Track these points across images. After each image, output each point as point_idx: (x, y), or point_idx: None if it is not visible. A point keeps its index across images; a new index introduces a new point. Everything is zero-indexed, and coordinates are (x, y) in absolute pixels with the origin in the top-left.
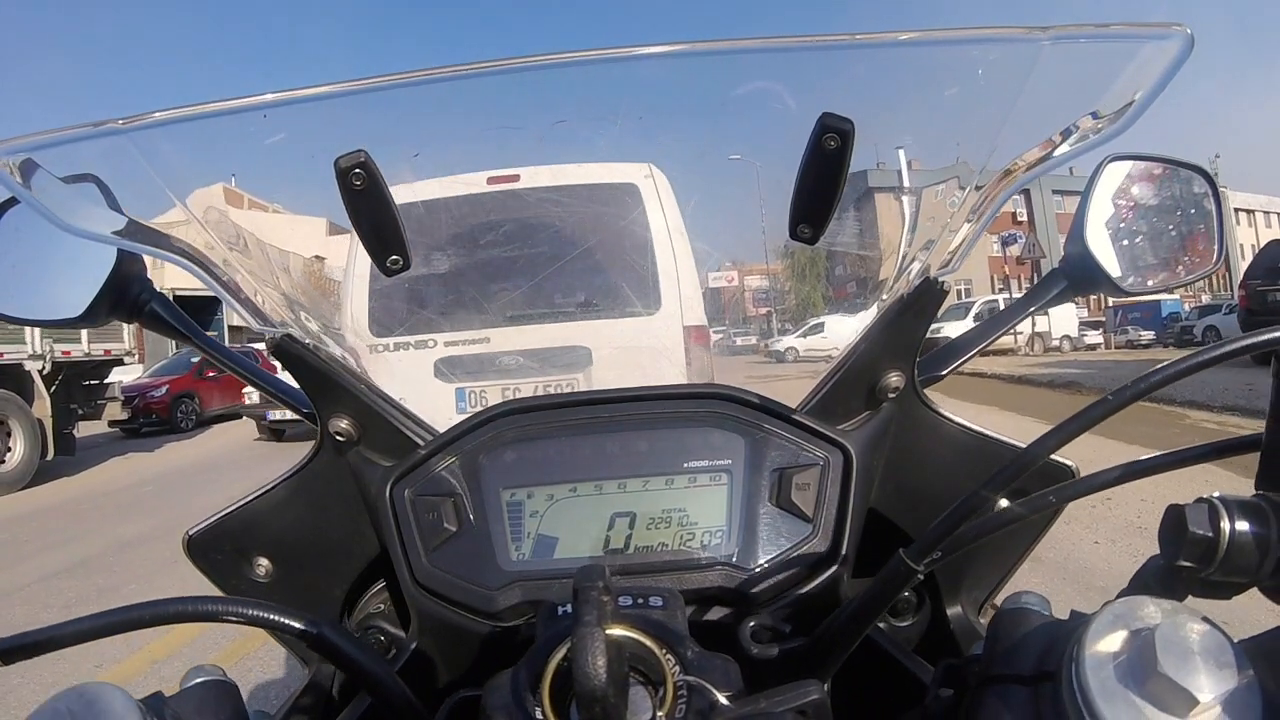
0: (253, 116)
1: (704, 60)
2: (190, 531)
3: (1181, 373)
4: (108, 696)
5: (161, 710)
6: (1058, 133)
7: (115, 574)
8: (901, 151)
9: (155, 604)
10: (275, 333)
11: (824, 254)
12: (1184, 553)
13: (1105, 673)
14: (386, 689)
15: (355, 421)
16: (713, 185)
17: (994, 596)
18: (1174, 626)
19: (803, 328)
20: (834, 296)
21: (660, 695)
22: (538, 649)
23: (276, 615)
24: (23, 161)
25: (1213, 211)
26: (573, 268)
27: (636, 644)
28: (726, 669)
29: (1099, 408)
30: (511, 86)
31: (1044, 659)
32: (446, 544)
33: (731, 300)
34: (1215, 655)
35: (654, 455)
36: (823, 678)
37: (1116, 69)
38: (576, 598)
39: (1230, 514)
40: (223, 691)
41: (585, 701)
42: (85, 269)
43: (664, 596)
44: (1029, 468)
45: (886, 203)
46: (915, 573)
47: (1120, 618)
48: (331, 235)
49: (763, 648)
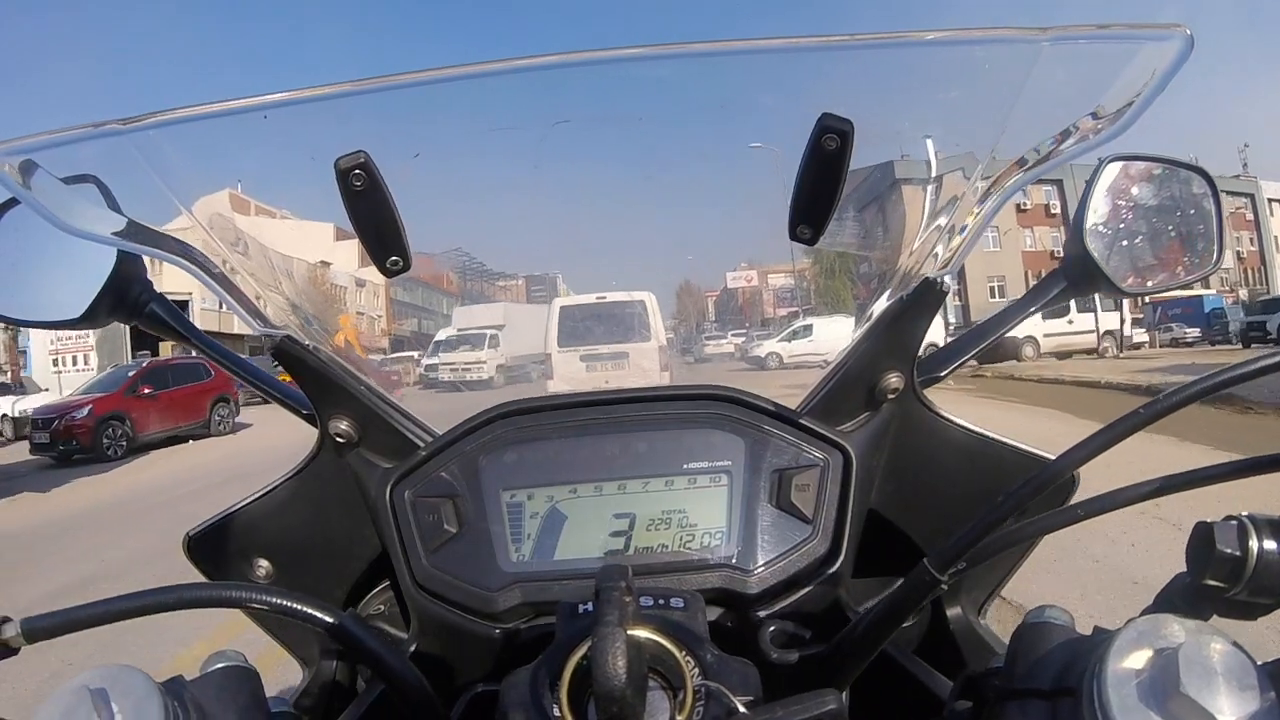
0: (252, 118)
1: (705, 61)
2: (190, 532)
3: (1222, 383)
4: (129, 678)
5: (181, 694)
6: (1058, 133)
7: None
8: (930, 141)
9: (178, 588)
10: (276, 334)
11: (877, 245)
12: (1211, 571)
13: (1127, 690)
14: (404, 680)
15: (355, 423)
16: (727, 184)
17: (993, 598)
18: (1198, 646)
19: (785, 331)
20: (862, 294)
21: (679, 699)
22: (557, 647)
23: (299, 604)
24: (23, 162)
25: (1212, 211)
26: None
27: (657, 645)
28: (745, 674)
29: (1130, 420)
30: (512, 87)
31: (1065, 674)
32: (447, 545)
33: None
34: (1238, 677)
35: (654, 456)
36: (840, 686)
37: (1116, 69)
38: (598, 597)
39: (1259, 533)
40: (243, 677)
41: (603, 701)
42: (86, 270)
43: (685, 598)
44: (1056, 479)
45: (888, 201)
46: (939, 583)
47: (1144, 635)
48: (339, 240)
49: (782, 653)
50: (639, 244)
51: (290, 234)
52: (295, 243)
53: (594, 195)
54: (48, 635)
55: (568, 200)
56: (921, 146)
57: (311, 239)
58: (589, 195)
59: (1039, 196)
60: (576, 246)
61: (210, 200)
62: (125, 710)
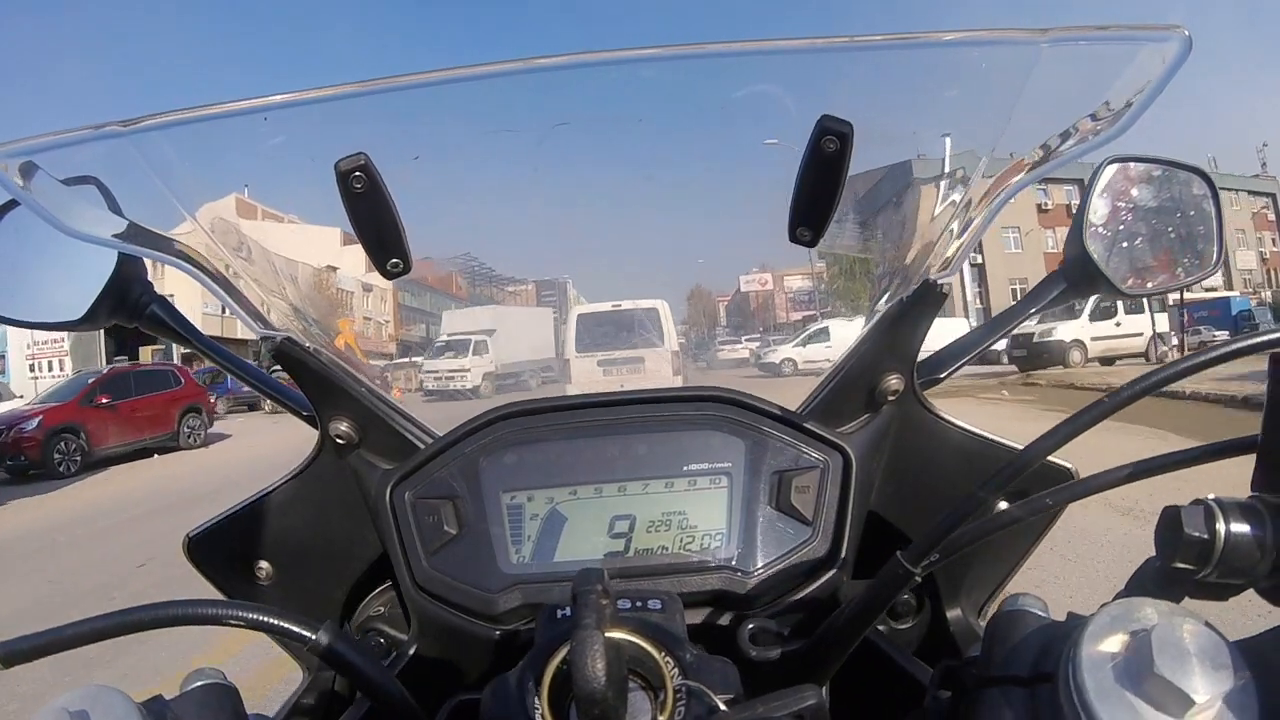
0: (253, 119)
1: (706, 62)
2: (191, 534)
3: (1181, 372)
4: (109, 699)
5: (163, 713)
6: (1057, 135)
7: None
8: (948, 139)
9: (156, 606)
10: (276, 337)
11: (877, 247)
12: (1180, 554)
13: (1102, 674)
14: (386, 693)
15: (356, 424)
16: (731, 187)
17: (994, 599)
18: (1170, 628)
19: (800, 335)
20: (877, 294)
21: (660, 699)
22: (537, 652)
23: (277, 620)
24: (23, 164)
25: (1212, 213)
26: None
27: (635, 647)
28: (725, 672)
29: (1095, 409)
30: (513, 89)
31: (1041, 660)
32: (447, 547)
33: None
34: (1211, 656)
35: (654, 458)
36: (820, 681)
37: (1115, 71)
38: (575, 601)
39: (1226, 516)
40: (223, 694)
41: (584, 704)
42: (86, 271)
43: (662, 599)
44: (1025, 470)
45: (889, 203)
46: (912, 575)
47: (1117, 619)
48: (346, 245)
49: (761, 650)
50: (646, 248)
51: (295, 238)
52: (300, 247)
53: (597, 198)
54: (26, 658)
55: (570, 203)
56: (927, 146)
57: (317, 243)
58: (592, 198)
59: (1060, 196)
60: (582, 250)
61: (214, 204)
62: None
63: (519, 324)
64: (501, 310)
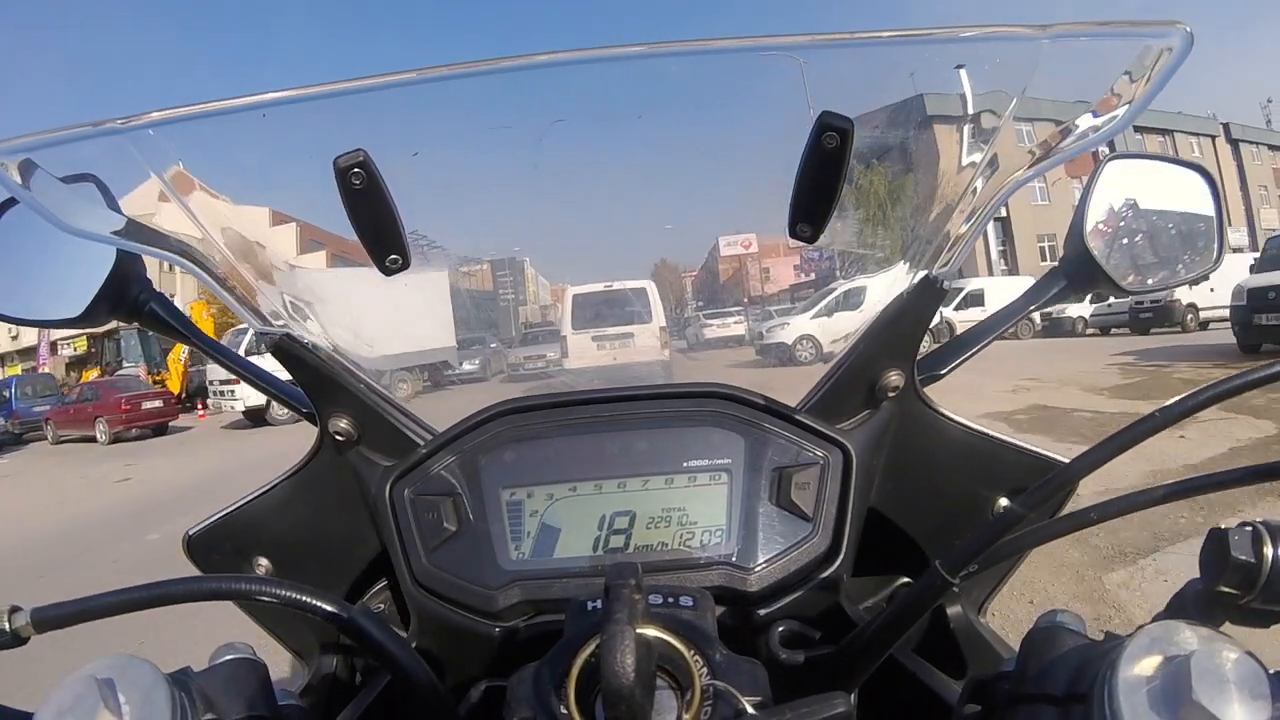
0: (251, 116)
1: (705, 59)
2: (190, 531)
3: (1232, 390)
4: (136, 669)
5: (189, 685)
6: (1058, 130)
7: None
8: (963, 71)
9: (188, 580)
10: (275, 332)
11: (912, 180)
12: (1225, 578)
13: (1138, 698)
14: (411, 673)
15: (355, 421)
16: (729, 183)
17: (993, 597)
18: (1210, 654)
19: (823, 301)
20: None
21: (687, 698)
22: (565, 644)
23: (310, 598)
24: (22, 161)
25: (1212, 211)
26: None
27: (666, 644)
28: (754, 674)
29: (1145, 424)
30: (511, 85)
31: (1076, 680)
32: (446, 544)
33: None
34: (1250, 686)
35: (653, 454)
36: (849, 688)
37: (1117, 67)
38: (608, 594)
39: (1275, 540)
40: (250, 669)
41: (611, 700)
42: (85, 269)
43: (694, 596)
44: (1070, 484)
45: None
46: (950, 585)
47: (1156, 642)
48: (275, 225)
49: (791, 653)
50: (641, 239)
51: (227, 215)
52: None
53: (598, 195)
54: (57, 625)
55: (570, 201)
56: (920, 144)
57: (245, 223)
58: (590, 193)
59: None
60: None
61: (210, 201)
62: (133, 701)
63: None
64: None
